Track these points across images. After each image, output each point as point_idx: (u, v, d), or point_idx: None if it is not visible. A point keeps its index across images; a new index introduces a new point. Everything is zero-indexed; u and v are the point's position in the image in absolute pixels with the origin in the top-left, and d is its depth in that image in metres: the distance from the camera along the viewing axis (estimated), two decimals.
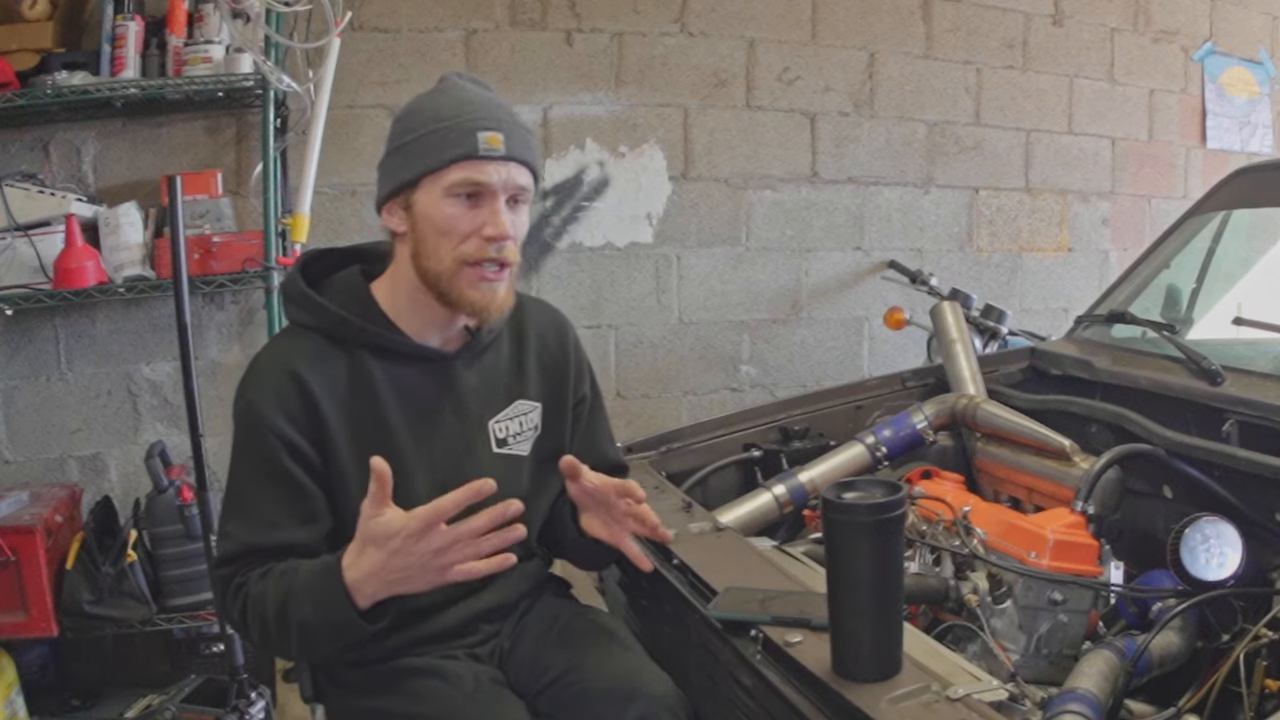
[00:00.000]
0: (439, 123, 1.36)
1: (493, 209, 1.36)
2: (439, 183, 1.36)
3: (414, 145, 1.37)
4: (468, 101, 1.39)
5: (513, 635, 1.50)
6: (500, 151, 1.36)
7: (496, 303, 1.41)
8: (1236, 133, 4.10)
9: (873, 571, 1.07)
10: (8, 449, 2.71)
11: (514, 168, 1.38)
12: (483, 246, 1.37)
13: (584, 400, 1.63)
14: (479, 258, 1.37)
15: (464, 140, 1.35)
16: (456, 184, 1.35)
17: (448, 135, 1.35)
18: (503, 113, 1.40)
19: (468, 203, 1.36)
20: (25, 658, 2.47)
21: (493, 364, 1.52)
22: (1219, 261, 2.38)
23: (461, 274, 1.37)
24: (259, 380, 1.39)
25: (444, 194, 1.36)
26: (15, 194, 2.43)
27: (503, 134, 1.36)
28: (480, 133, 1.35)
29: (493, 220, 1.36)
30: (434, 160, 1.35)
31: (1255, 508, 1.54)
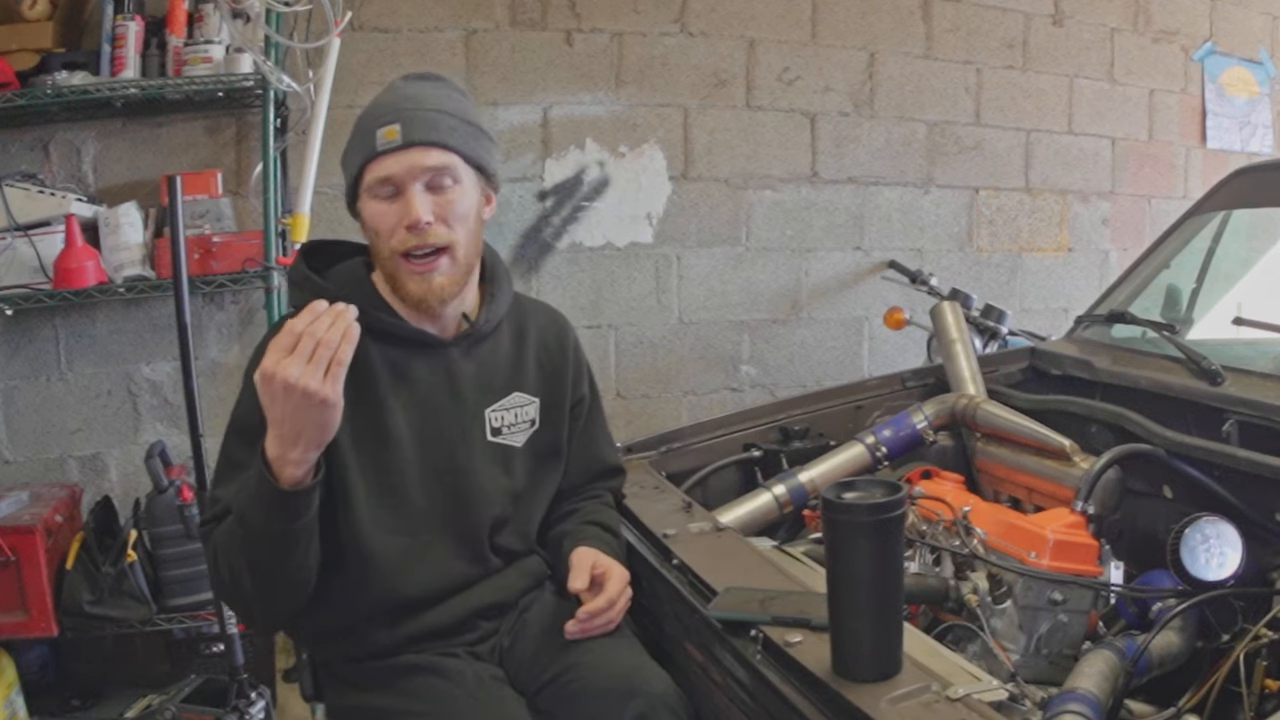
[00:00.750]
0: (355, 130, 1.44)
1: (406, 199, 1.40)
2: (362, 187, 1.43)
3: (344, 158, 1.47)
4: (379, 104, 1.45)
5: (512, 632, 1.50)
6: (396, 142, 1.39)
7: (434, 292, 1.43)
8: (1236, 133, 4.10)
9: (873, 571, 1.07)
10: (8, 449, 2.71)
11: (415, 153, 1.39)
12: (406, 236, 1.40)
13: (582, 401, 1.64)
14: (405, 248, 1.41)
15: (365, 143, 1.41)
16: (371, 185, 1.41)
17: (356, 141, 1.43)
18: (407, 103, 1.42)
19: (388, 199, 1.41)
20: (25, 658, 2.47)
21: (491, 354, 1.54)
22: (1219, 261, 2.38)
23: (400, 267, 1.42)
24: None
25: (368, 196, 1.42)
26: (15, 194, 2.43)
27: (400, 124, 1.39)
28: (377, 130, 1.39)
29: (406, 209, 1.40)
30: (352, 168, 1.44)
31: (1255, 508, 1.54)
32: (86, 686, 2.60)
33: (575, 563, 1.46)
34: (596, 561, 1.47)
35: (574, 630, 1.42)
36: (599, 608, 1.42)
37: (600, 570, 1.46)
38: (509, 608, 1.52)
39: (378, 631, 1.44)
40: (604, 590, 1.44)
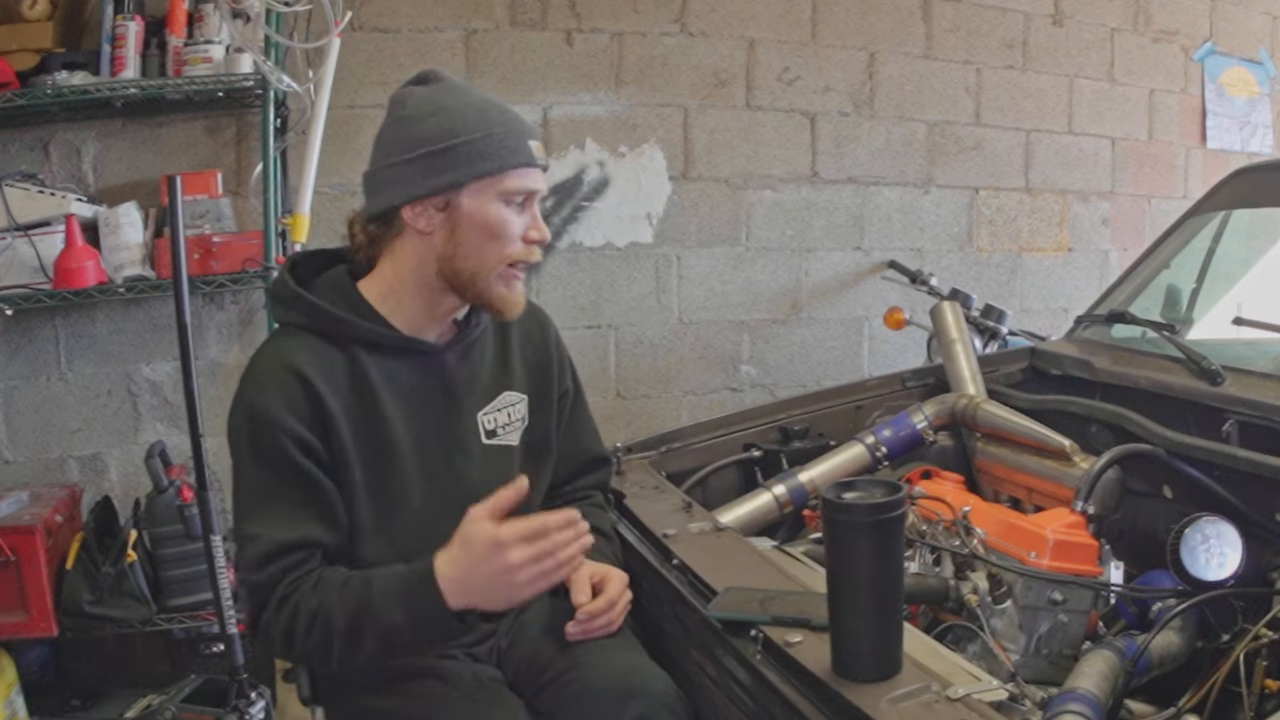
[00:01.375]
0: (490, 129, 1.39)
1: (534, 215, 1.44)
2: (494, 187, 1.39)
3: (465, 148, 1.38)
4: (506, 109, 1.45)
5: (510, 634, 1.50)
6: (544, 161, 1.45)
7: (521, 299, 1.48)
8: (1236, 133, 4.10)
9: (873, 571, 1.07)
10: (8, 449, 2.71)
11: (544, 177, 1.47)
12: (528, 249, 1.44)
13: (567, 394, 1.65)
14: (522, 259, 1.44)
15: (522, 148, 1.41)
16: (512, 190, 1.41)
17: (505, 142, 1.40)
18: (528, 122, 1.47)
19: (517, 208, 1.42)
20: (25, 658, 2.47)
21: (479, 357, 1.54)
22: (1219, 261, 2.38)
23: (501, 274, 1.43)
24: (260, 382, 1.38)
25: (497, 198, 1.40)
26: (15, 194, 2.43)
27: (538, 144, 1.45)
28: (531, 141, 1.43)
29: (537, 225, 1.45)
30: (493, 165, 1.39)
31: (1255, 508, 1.53)
32: (86, 686, 2.60)
33: (574, 578, 1.45)
34: (594, 571, 1.47)
35: (574, 632, 1.42)
36: (599, 608, 1.42)
37: (599, 576, 1.46)
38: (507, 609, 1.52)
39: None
40: (604, 592, 1.44)
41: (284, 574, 1.34)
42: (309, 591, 1.33)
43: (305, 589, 1.33)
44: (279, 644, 1.35)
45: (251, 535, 1.35)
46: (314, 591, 1.33)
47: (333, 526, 1.38)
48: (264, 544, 1.33)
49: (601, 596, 1.44)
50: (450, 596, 1.28)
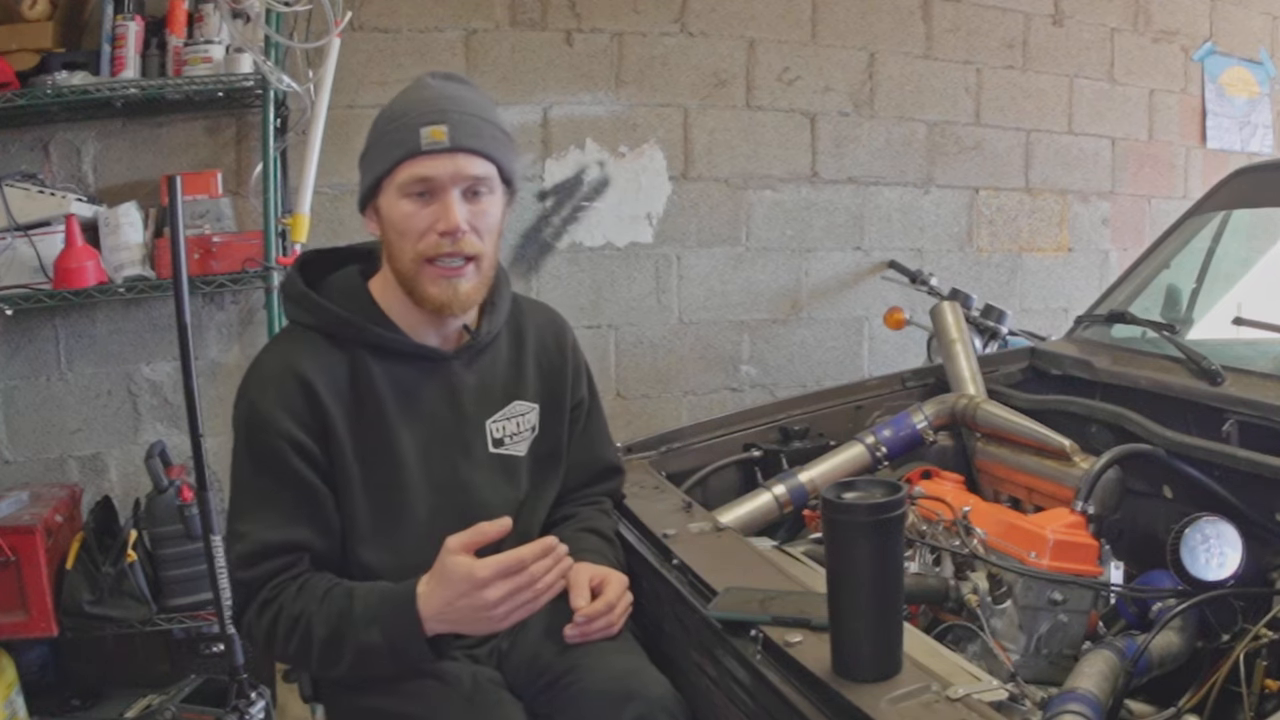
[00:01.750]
0: (390, 124, 1.38)
1: (444, 203, 1.36)
2: (392, 184, 1.37)
3: (371, 151, 1.40)
4: (419, 100, 1.39)
5: (511, 636, 1.50)
6: (444, 144, 1.34)
7: (459, 299, 1.41)
8: (1236, 133, 4.10)
9: (873, 571, 1.07)
10: (8, 449, 2.71)
11: (461, 159, 1.36)
12: (438, 242, 1.37)
13: (582, 403, 1.63)
14: (435, 253, 1.37)
15: (408, 138, 1.35)
16: (405, 183, 1.36)
17: (394, 136, 1.36)
18: (452, 105, 1.38)
19: (420, 200, 1.36)
20: (25, 658, 2.47)
21: (491, 364, 1.52)
22: (1219, 261, 2.38)
23: (423, 271, 1.38)
24: (262, 381, 1.39)
25: (398, 194, 1.37)
26: (15, 194, 2.43)
27: (447, 125, 1.35)
28: (423, 128, 1.34)
29: (444, 215, 1.36)
30: (384, 163, 1.37)
31: (1255, 508, 1.53)
32: (86, 686, 2.60)
33: (572, 581, 1.45)
34: (593, 574, 1.46)
35: (573, 634, 1.42)
36: (598, 610, 1.42)
37: (598, 579, 1.46)
38: None
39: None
40: (602, 594, 1.44)
41: (269, 576, 1.35)
42: (292, 597, 1.34)
43: (289, 594, 1.34)
44: (260, 644, 1.37)
45: (240, 533, 1.36)
46: (297, 597, 1.34)
47: (323, 531, 1.38)
48: (250, 543, 1.34)
49: (600, 599, 1.43)
50: (428, 623, 1.29)
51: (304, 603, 1.33)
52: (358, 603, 1.32)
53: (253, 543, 1.35)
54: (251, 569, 1.35)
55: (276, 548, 1.35)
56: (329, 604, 1.33)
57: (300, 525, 1.36)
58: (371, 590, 1.34)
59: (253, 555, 1.35)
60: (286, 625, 1.33)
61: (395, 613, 1.31)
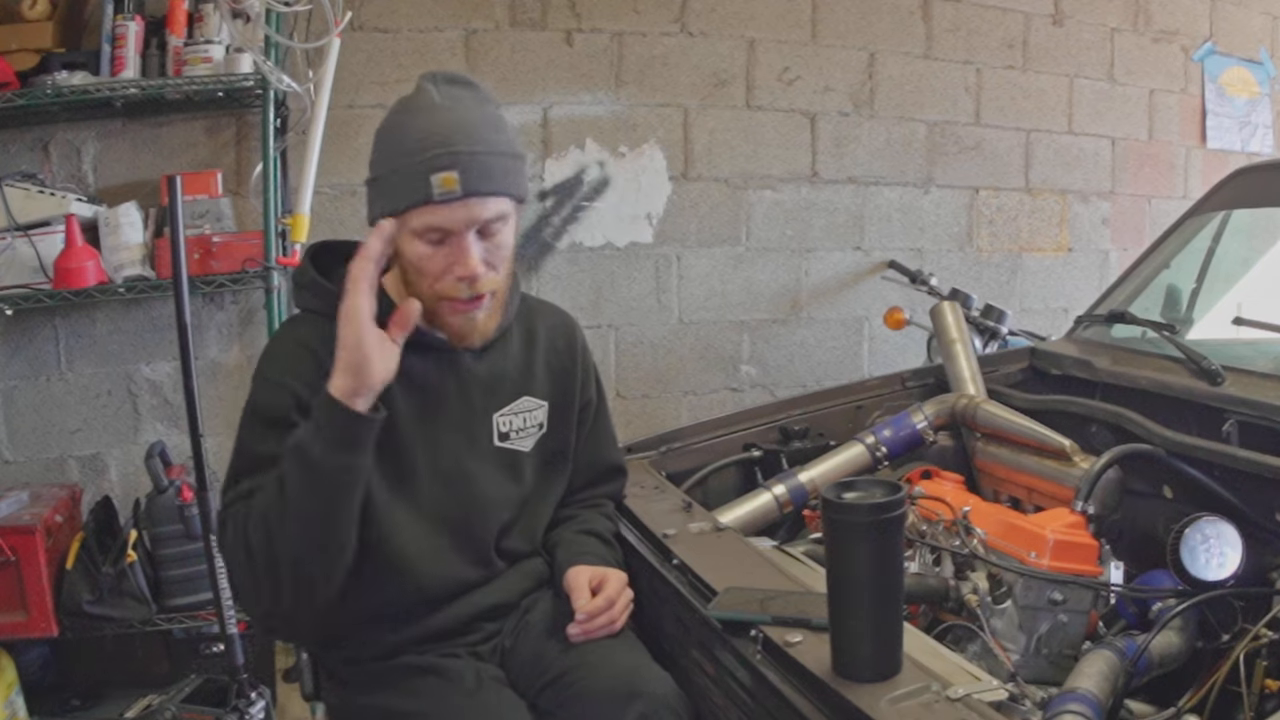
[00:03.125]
0: (399, 159, 1.33)
1: (460, 248, 1.34)
2: (405, 226, 1.34)
3: (381, 183, 1.36)
4: (428, 133, 1.33)
5: (514, 634, 1.50)
6: (456, 193, 1.30)
7: (477, 330, 1.41)
8: (1236, 133, 4.10)
9: (873, 571, 1.07)
10: (8, 449, 2.71)
11: (475, 204, 1.32)
12: (456, 285, 1.36)
13: (590, 404, 1.64)
14: (453, 295, 1.36)
15: (418, 186, 1.30)
16: (419, 229, 1.33)
17: (406, 178, 1.32)
18: (462, 140, 1.32)
19: (434, 246, 1.34)
20: (25, 658, 2.47)
21: (501, 358, 1.53)
22: (1219, 261, 2.38)
23: (440, 307, 1.38)
24: (273, 356, 1.42)
25: (411, 236, 1.34)
26: (15, 194, 2.43)
27: (458, 170, 1.30)
28: (433, 175, 1.30)
29: (461, 261, 1.34)
30: (394, 205, 1.33)
31: (1255, 508, 1.54)
32: (86, 686, 2.60)
33: (572, 584, 1.46)
34: (593, 575, 1.46)
35: (576, 633, 1.42)
36: (598, 607, 1.42)
37: (598, 579, 1.46)
38: (511, 609, 1.52)
39: (380, 634, 1.44)
40: (602, 591, 1.44)
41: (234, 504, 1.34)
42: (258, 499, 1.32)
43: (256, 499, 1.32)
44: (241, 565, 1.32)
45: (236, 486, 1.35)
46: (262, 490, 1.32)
47: None
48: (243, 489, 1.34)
49: (600, 596, 1.44)
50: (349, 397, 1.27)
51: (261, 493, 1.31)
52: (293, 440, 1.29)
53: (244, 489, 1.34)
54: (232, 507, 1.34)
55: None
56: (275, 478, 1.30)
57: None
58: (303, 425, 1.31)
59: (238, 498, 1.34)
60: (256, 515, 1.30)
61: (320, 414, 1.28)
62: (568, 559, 1.51)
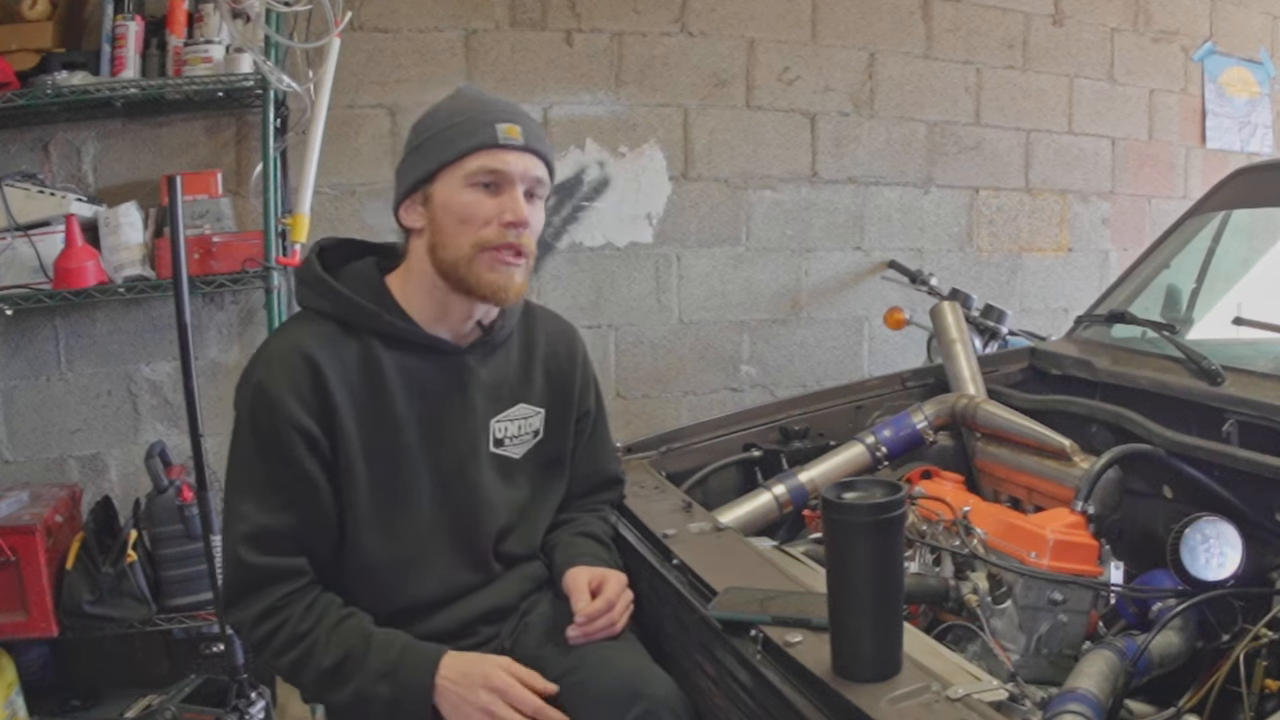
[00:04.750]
0: (456, 118, 1.41)
1: (512, 195, 1.40)
2: (458, 172, 1.39)
3: (431, 142, 1.41)
4: (484, 99, 1.45)
5: (513, 636, 1.50)
6: (519, 141, 1.40)
7: (514, 286, 1.43)
8: (1236, 133, 4.10)
9: (873, 571, 1.07)
10: (8, 449, 2.71)
11: (531, 159, 1.41)
12: (502, 231, 1.39)
13: (588, 414, 1.64)
14: (499, 242, 1.39)
15: (482, 130, 1.39)
16: (475, 172, 1.38)
17: (465, 127, 1.39)
18: (519, 109, 1.46)
19: (487, 191, 1.39)
20: (25, 658, 2.47)
21: (502, 364, 1.53)
22: (1219, 261, 2.38)
23: (480, 258, 1.40)
24: (270, 362, 1.39)
25: (463, 183, 1.39)
26: (15, 194, 2.43)
27: (520, 126, 1.41)
28: (498, 124, 1.39)
29: (512, 206, 1.39)
30: (452, 151, 1.39)
31: (1255, 508, 1.54)
32: (86, 686, 2.60)
33: (572, 586, 1.46)
34: (592, 576, 1.47)
35: (576, 636, 1.42)
36: (597, 610, 1.42)
37: (597, 580, 1.46)
38: (510, 612, 1.52)
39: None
40: (601, 593, 1.44)
41: (276, 578, 1.35)
42: (300, 614, 1.35)
43: (297, 610, 1.35)
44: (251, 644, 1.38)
45: (241, 513, 1.36)
46: (305, 616, 1.35)
47: (318, 522, 1.38)
48: (252, 525, 1.35)
49: (600, 598, 1.44)
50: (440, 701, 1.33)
51: (312, 624, 1.34)
52: (375, 652, 1.34)
53: (254, 525, 1.34)
54: (256, 554, 1.34)
55: (279, 535, 1.35)
56: (340, 638, 1.34)
57: (298, 512, 1.36)
58: (391, 642, 1.36)
59: (255, 538, 1.34)
60: (287, 639, 1.34)
61: (412, 674, 1.33)
62: (566, 561, 1.51)
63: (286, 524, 1.35)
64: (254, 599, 1.35)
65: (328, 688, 1.35)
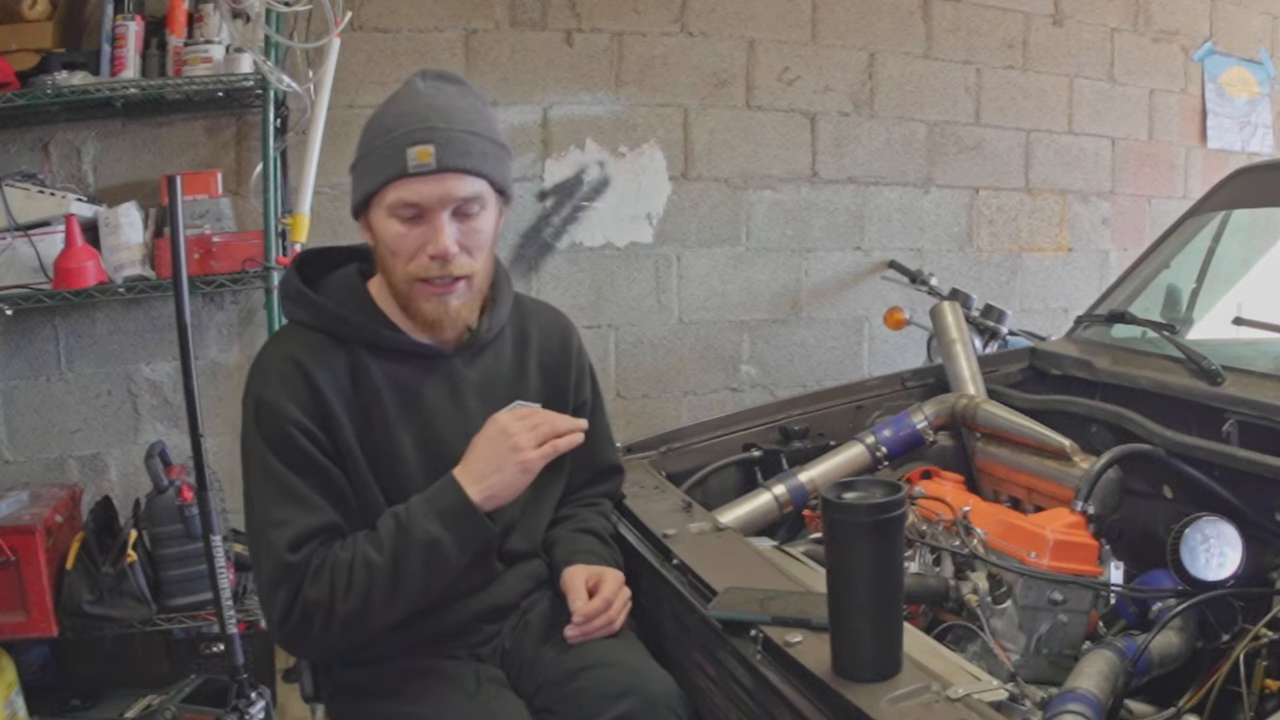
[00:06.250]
0: (377, 139, 1.36)
1: (433, 226, 1.34)
2: (381, 203, 1.36)
3: (361, 164, 1.39)
4: (407, 113, 1.36)
5: (513, 635, 1.50)
6: (430, 166, 1.31)
7: (449, 315, 1.41)
8: (1236, 133, 4.10)
9: (873, 571, 1.07)
10: (8, 449, 2.71)
11: (450, 179, 1.34)
12: (429, 265, 1.36)
13: (585, 405, 1.63)
14: (426, 275, 1.37)
15: (394, 159, 1.32)
16: (393, 205, 1.35)
17: (382, 154, 1.34)
18: (439, 118, 1.34)
19: (409, 222, 1.35)
20: (25, 658, 2.47)
21: (494, 362, 1.53)
22: (1219, 261, 2.38)
23: (414, 289, 1.38)
24: (264, 375, 1.39)
25: (387, 214, 1.36)
26: (15, 194, 2.43)
27: (434, 145, 1.32)
28: (409, 149, 1.31)
29: (433, 239, 1.34)
30: (371, 182, 1.36)
31: (1255, 508, 1.54)
32: (86, 686, 2.60)
33: (569, 585, 1.46)
34: (589, 574, 1.46)
35: (574, 635, 1.42)
36: (595, 609, 1.42)
37: (594, 579, 1.46)
38: (511, 609, 1.52)
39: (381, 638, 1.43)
40: (599, 592, 1.44)
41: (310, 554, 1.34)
42: (338, 551, 1.34)
43: (334, 552, 1.34)
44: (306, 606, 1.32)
45: (279, 520, 1.33)
46: (344, 548, 1.34)
47: (347, 511, 1.39)
48: (295, 528, 1.33)
49: (597, 597, 1.43)
50: (473, 491, 1.34)
51: (353, 547, 1.34)
52: (404, 515, 1.35)
53: (298, 528, 1.33)
54: (299, 552, 1.33)
55: (318, 530, 1.35)
56: (377, 536, 1.35)
57: (329, 507, 1.36)
58: (410, 505, 1.36)
59: (299, 540, 1.33)
60: (344, 573, 1.32)
61: (443, 495, 1.35)
62: (564, 558, 1.51)
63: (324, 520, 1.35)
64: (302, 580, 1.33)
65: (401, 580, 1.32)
